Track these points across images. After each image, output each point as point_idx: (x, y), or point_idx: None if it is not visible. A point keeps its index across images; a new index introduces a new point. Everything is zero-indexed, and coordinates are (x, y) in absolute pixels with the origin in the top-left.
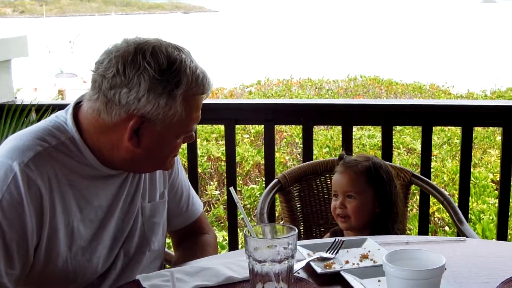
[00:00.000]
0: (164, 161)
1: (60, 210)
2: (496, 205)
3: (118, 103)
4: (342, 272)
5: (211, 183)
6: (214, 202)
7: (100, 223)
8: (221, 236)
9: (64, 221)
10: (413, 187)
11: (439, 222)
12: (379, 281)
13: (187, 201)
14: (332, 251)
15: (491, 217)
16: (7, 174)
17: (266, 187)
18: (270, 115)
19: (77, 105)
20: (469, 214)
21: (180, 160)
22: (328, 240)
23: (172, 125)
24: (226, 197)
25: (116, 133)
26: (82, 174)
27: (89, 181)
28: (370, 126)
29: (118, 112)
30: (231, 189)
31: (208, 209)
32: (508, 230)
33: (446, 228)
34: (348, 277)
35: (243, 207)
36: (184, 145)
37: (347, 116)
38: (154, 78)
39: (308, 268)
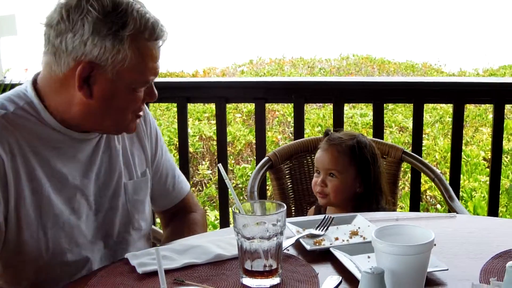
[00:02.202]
0: (125, 117)
1: (25, 178)
2: (488, 182)
3: (65, 50)
4: (331, 249)
5: (203, 162)
6: (206, 182)
7: (71, 192)
8: (213, 215)
9: (31, 189)
10: (404, 165)
11: (431, 200)
12: (368, 257)
13: (172, 181)
14: (322, 228)
15: (482, 195)
16: None
17: (256, 166)
18: (261, 93)
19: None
20: (461, 192)
21: (171, 139)
22: (317, 217)
23: (124, 73)
24: (217, 176)
25: (68, 86)
26: (46, 140)
27: (53, 147)
28: (363, 105)
29: (67, 60)
30: (220, 165)
31: (200, 188)
32: (499, 208)
33: (438, 206)
34: (338, 254)
35: (235, 186)
36: (175, 124)
37: (338, 94)
38: (97, 19)
39: (297, 245)
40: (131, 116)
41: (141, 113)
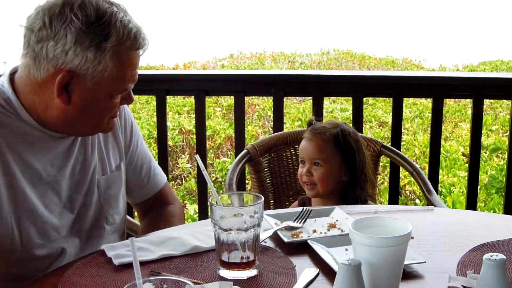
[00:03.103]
0: (100, 122)
1: (0, 172)
2: (466, 178)
3: (45, 57)
4: (309, 241)
5: (183, 156)
6: (185, 175)
7: (45, 189)
8: (193, 209)
9: (6, 183)
10: (384, 160)
11: (410, 195)
12: (346, 250)
13: (148, 173)
14: (300, 220)
15: (461, 190)
16: None
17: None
18: (241, 86)
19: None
20: (440, 187)
21: (151, 132)
22: (295, 209)
23: (104, 82)
24: (197, 170)
25: (47, 90)
26: (21, 136)
27: (28, 144)
28: (343, 100)
29: (46, 67)
30: (197, 156)
31: (180, 182)
32: (478, 203)
33: (417, 201)
34: (315, 246)
35: (214, 180)
36: (155, 118)
37: (318, 87)
38: (81, 30)
39: (275, 237)
40: (107, 120)
41: (117, 113)
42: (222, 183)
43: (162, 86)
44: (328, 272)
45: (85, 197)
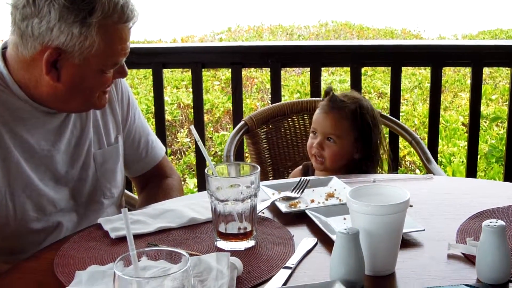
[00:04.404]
0: (91, 97)
1: None
2: (466, 147)
3: (31, 34)
4: (307, 211)
5: (182, 131)
6: (185, 150)
7: (39, 162)
8: (192, 183)
9: (0, 156)
10: (384, 129)
11: (410, 166)
12: (344, 219)
13: (146, 146)
14: (298, 190)
15: (461, 160)
16: None
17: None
18: (238, 58)
19: None
20: (440, 157)
21: (149, 107)
22: (293, 180)
23: (92, 58)
24: (195, 143)
25: (36, 68)
26: (13, 110)
27: (21, 118)
28: (341, 71)
29: (33, 45)
30: (192, 127)
31: (179, 157)
32: (477, 172)
33: (417, 171)
34: (313, 216)
35: (214, 154)
36: (151, 92)
37: (315, 58)
38: (64, 7)
39: (273, 207)
40: (99, 94)
41: (109, 88)
42: (221, 156)
43: (158, 60)
44: (326, 241)
45: (81, 171)
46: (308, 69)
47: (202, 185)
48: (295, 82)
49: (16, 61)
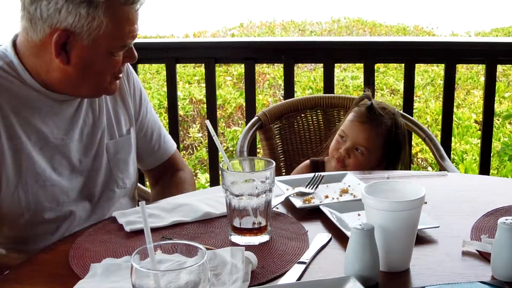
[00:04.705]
0: (103, 81)
1: (4, 136)
2: (479, 145)
3: (40, 17)
4: (321, 207)
5: (194, 126)
6: (196, 145)
7: (53, 152)
8: (204, 178)
9: (11, 147)
10: None
11: (422, 163)
12: (358, 215)
13: (158, 139)
14: (312, 186)
15: (474, 157)
16: None
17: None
18: (251, 54)
19: None
20: (452, 155)
21: (161, 102)
22: (307, 175)
23: (101, 39)
24: (208, 139)
25: (46, 52)
26: (26, 100)
27: (34, 108)
28: (354, 68)
29: (42, 28)
30: (207, 122)
31: (191, 152)
32: (491, 170)
33: (429, 168)
34: (327, 211)
35: (226, 149)
36: (164, 87)
37: (328, 54)
38: None
39: (287, 203)
40: (110, 78)
41: (120, 75)
42: (233, 152)
43: (172, 55)
44: (340, 237)
45: (94, 160)
46: (320, 65)
47: (214, 180)
48: (307, 78)
49: (27, 47)
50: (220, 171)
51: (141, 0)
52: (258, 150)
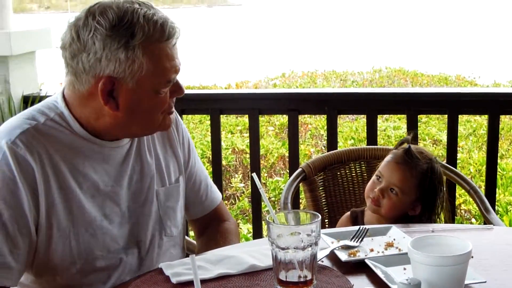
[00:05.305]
0: (153, 119)
1: (55, 186)
2: None
3: (83, 70)
4: (366, 260)
5: (236, 175)
6: (238, 195)
7: (104, 199)
8: (246, 228)
9: (63, 197)
10: None
11: (466, 215)
12: (404, 269)
13: (206, 189)
14: (357, 239)
15: None
16: None
17: (290, 177)
18: (294, 105)
19: None
20: (496, 206)
21: (204, 152)
22: (352, 228)
23: (144, 79)
24: (250, 189)
25: (94, 101)
26: (76, 149)
27: (84, 156)
28: (395, 118)
29: (87, 79)
30: (254, 175)
31: (233, 202)
32: None
33: (473, 220)
34: (373, 265)
35: (267, 199)
36: (209, 138)
37: (371, 105)
38: (106, 35)
39: (332, 256)
40: (162, 116)
41: (172, 109)
42: (276, 202)
43: (216, 106)
44: None
45: (144, 207)
46: (362, 115)
47: (257, 232)
48: (349, 129)
49: (75, 98)
50: (266, 224)
51: (176, 34)
52: (300, 201)
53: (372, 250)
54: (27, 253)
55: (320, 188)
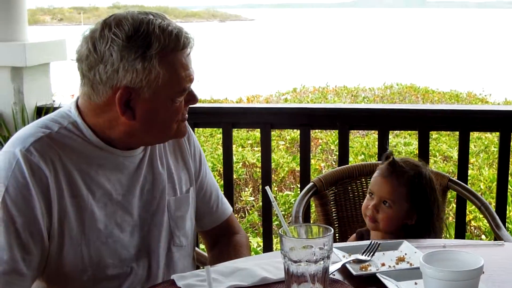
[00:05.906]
0: (168, 128)
1: (68, 194)
2: None
3: (100, 81)
4: (378, 275)
5: (246, 189)
6: (248, 208)
7: (116, 207)
8: (256, 242)
9: (75, 204)
10: (449, 194)
11: (476, 231)
12: (415, 283)
13: (216, 200)
14: (368, 253)
15: None
16: (10, 161)
17: (301, 191)
18: (306, 120)
19: None
20: (507, 223)
21: (215, 165)
22: (364, 242)
23: (161, 89)
24: (261, 203)
25: (110, 111)
26: (89, 157)
27: (97, 165)
28: (406, 134)
29: (104, 90)
30: (267, 188)
31: (243, 215)
32: None
33: (483, 236)
34: (384, 280)
35: (280, 212)
36: (220, 151)
37: (383, 121)
38: (123, 46)
39: (343, 270)
40: (176, 124)
41: (186, 116)
42: (286, 216)
43: (228, 120)
44: None
45: (155, 217)
46: (373, 131)
47: (267, 246)
48: (360, 144)
49: (90, 109)
50: (279, 237)
51: (190, 44)
52: (310, 215)
53: (383, 265)
54: (39, 260)
55: (331, 202)
